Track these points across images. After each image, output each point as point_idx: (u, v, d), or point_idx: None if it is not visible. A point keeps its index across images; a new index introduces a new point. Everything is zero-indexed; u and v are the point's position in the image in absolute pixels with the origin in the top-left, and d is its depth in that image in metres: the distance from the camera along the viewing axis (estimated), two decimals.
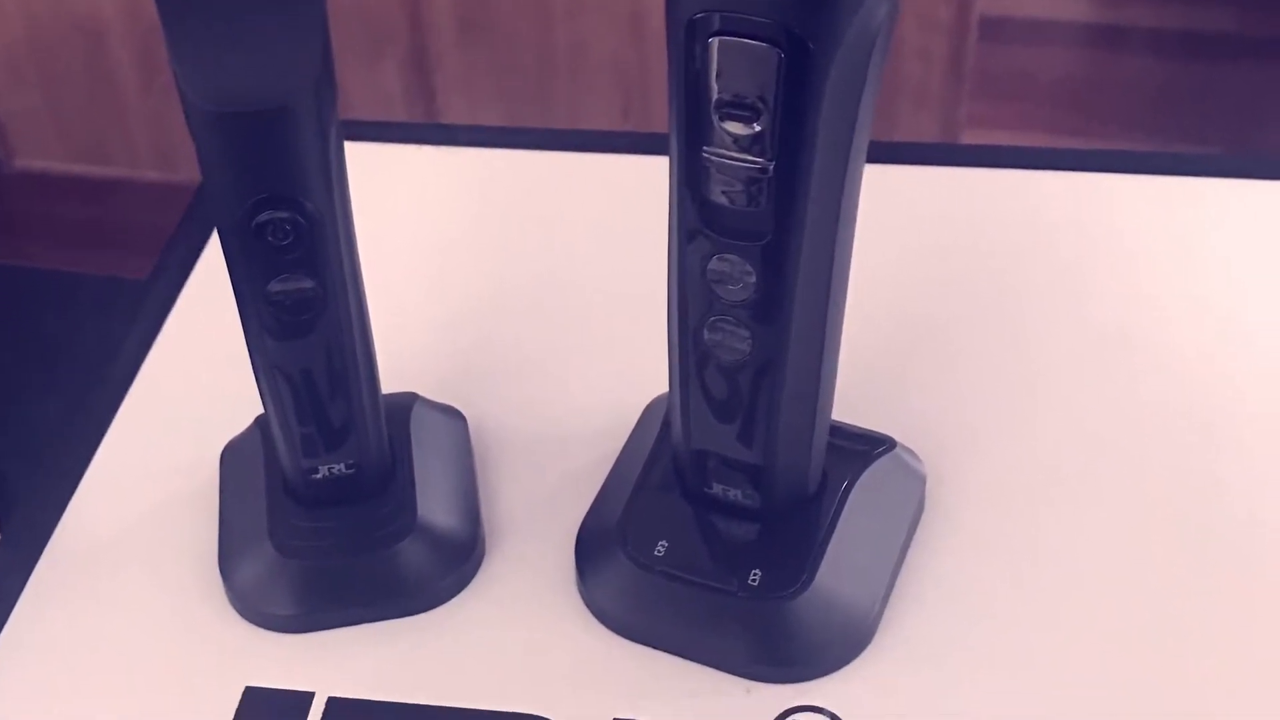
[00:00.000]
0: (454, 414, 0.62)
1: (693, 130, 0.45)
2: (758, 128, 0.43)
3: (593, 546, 0.56)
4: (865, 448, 0.57)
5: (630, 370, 0.62)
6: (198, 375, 0.66)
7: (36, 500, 0.61)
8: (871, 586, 0.54)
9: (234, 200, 0.48)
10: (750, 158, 0.44)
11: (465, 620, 0.55)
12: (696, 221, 0.47)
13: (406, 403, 0.60)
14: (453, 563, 0.56)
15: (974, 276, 0.69)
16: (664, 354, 0.52)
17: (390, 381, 0.57)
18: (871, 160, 0.46)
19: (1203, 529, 0.57)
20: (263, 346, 0.52)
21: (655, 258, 0.51)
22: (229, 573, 0.56)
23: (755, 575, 0.53)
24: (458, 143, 0.79)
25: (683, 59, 0.43)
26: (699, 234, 0.47)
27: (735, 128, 0.44)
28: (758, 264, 0.47)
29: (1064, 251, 0.70)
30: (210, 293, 0.69)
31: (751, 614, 0.53)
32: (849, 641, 0.53)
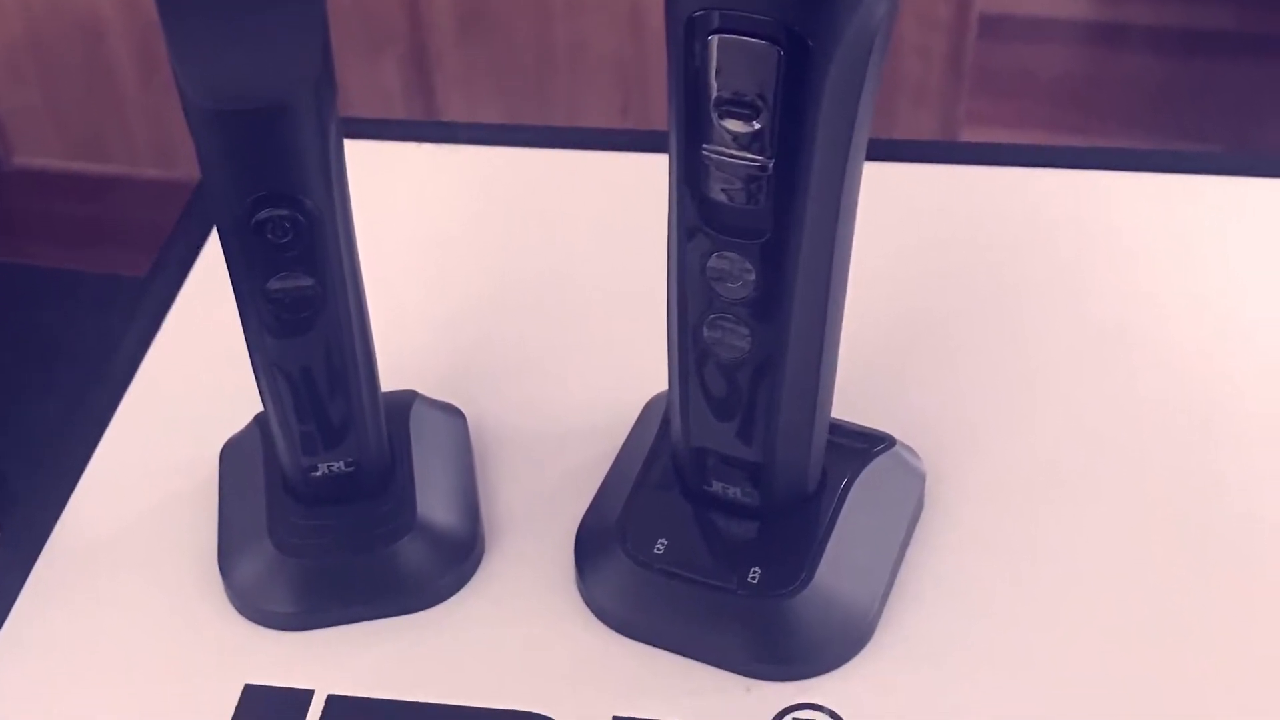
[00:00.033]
0: (453, 412, 0.62)
1: (692, 128, 0.45)
2: (757, 125, 0.43)
3: (592, 544, 0.56)
4: (864, 445, 0.57)
5: (629, 368, 0.62)
6: (197, 373, 0.66)
7: (36, 498, 0.61)
8: (871, 584, 0.54)
9: (233, 198, 0.48)
10: (750, 155, 0.44)
11: (465, 618, 0.55)
12: (696, 219, 0.47)
13: (406, 401, 0.60)
14: (452, 561, 0.56)
15: (973, 274, 0.69)
16: (663, 352, 0.52)
17: (390, 379, 0.57)
18: (871, 158, 0.46)
19: (1202, 526, 0.57)
20: (262, 344, 0.52)
21: (655, 255, 0.51)
22: (228, 570, 0.56)
23: (755, 573, 0.53)
24: (457, 140, 0.79)
25: (682, 56, 0.43)
26: (698, 231, 0.47)
27: (735, 125, 0.44)
28: (757, 262, 0.47)
29: (1063, 249, 0.70)
30: (209, 290, 0.69)
31: (751, 612, 0.53)
32: (848, 639, 0.53)
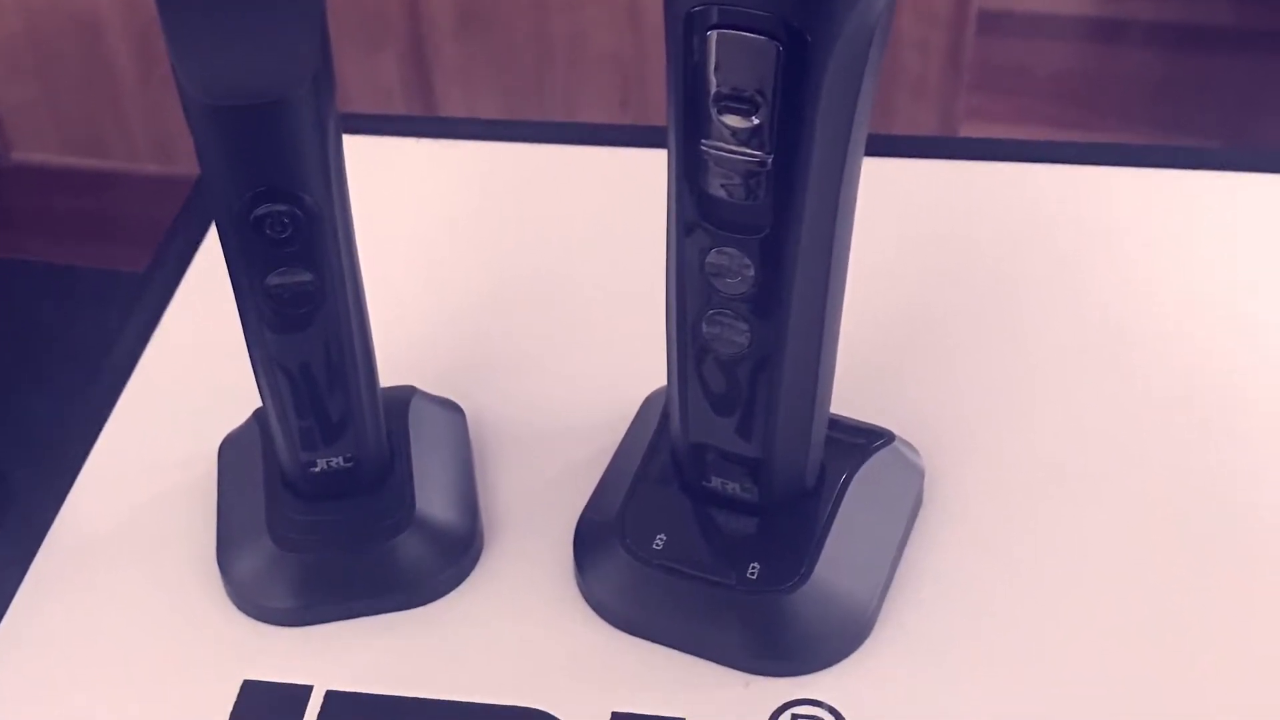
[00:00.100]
0: (452, 407, 0.62)
1: (691, 123, 0.45)
2: (756, 121, 0.43)
3: (591, 540, 0.56)
4: (864, 441, 0.57)
5: (628, 363, 0.62)
6: (196, 368, 0.66)
7: (34, 493, 0.61)
8: (870, 580, 0.54)
9: (232, 193, 0.48)
10: (749, 151, 0.44)
11: (464, 614, 0.55)
12: (695, 215, 0.47)
13: (405, 396, 0.60)
14: (451, 556, 0.56)
15: (972, 269, 0.69)
16: (662, 347, 0.52)
17: (388, 375, 0.56)
18: (870, 153, 0.46)
19: (1201, 522, 0.57)
20: (261, 340, 0.52)
21: (654, 251, 0.51)
22: (227, 566, 0.56)
23: (754, 569, 0.53)
24: (456, 136, 0.79)
25: (681, 52, 0.43)
26: (697, 227, 0.47)
27: (734, 121, 0.43)
28: (756, 257, 0.47)
29: (1062, 245, 0.70)
30: (208, 286, 0.69)
31: (750, 607, 0.53)
32: (847, 635, 0.53)
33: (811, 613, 0.52)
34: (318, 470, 0.55)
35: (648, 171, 0.54)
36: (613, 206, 0.73)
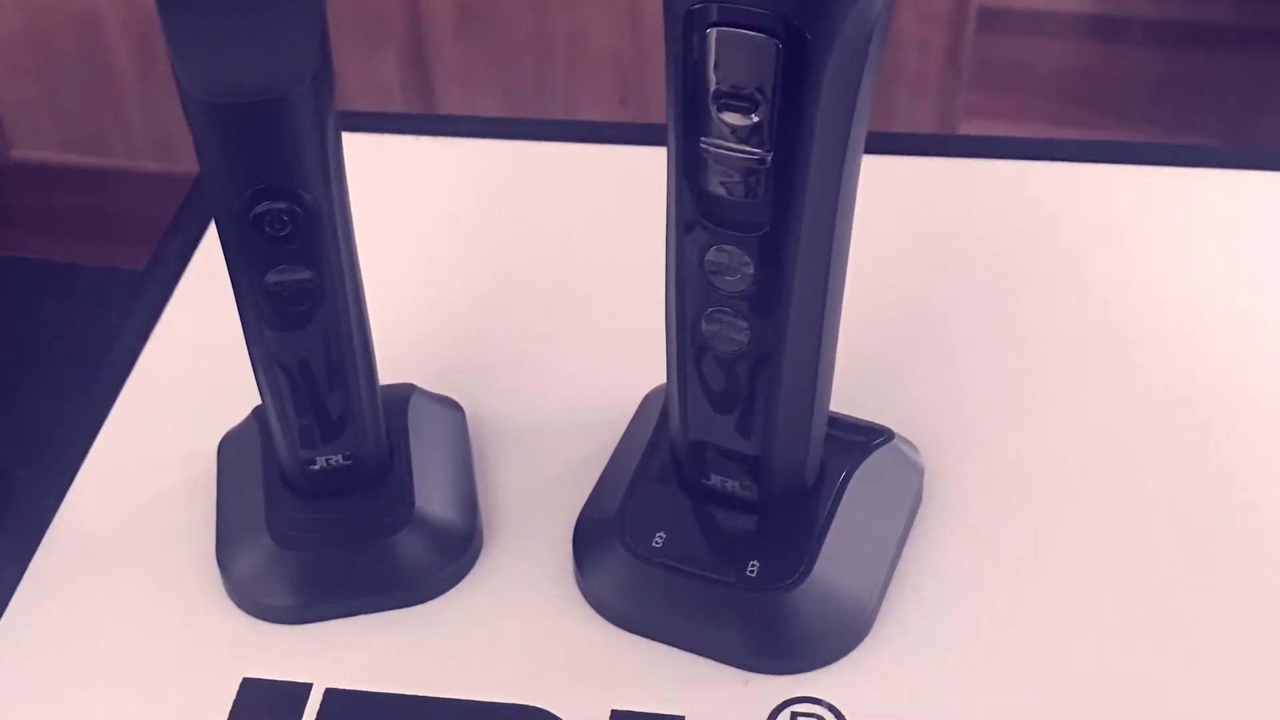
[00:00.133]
0: (452, 405, 0.62)
1: (691, 121, 0.44)
2: (756, 119, 0.43)
3: (591, 538, 0.56)
4: (863, 439, 0.57)
5: (628, 361, 0.62)
6: (195, 366, 0.66)
7: (33, 491, 0.61)
8: (869, 578, 0.54)
9: (232, 191, 0.48)
10: (748, 149, 0.44)
11: (463, 612, 0.55)
12: (694, 212, 0.47)
13: (404, 394, 0.60)
14: (450, 554, 0.56)
15: (972, 267, 0.69)
16: (662, 345, 0.52)
17: (388, 372, 0.56)
18: (869, 151, 0.46)
19: (1201, 520, 0.57)
20: (260, 337, 0.52)
21: (653, 249, 0.51)
22: (226, 564, 0.56)
23: (753, 566, 0.53)
24: (455, 133, 0.79)
25: (681, 50, 0.43)
26: (697, 225, 0.47)
27: (733, 118, 0.43)
28: (756, 255, 0.47)
29: (1062, 242, 0.70)
30: (208, 283, 0.69)
31: (749, 605, 0.53)
32: (847, 633, 0.53)
33: (811, 610, 0.52)
34: (317, 468, 0.55)
35: (647, 169, 0.54)
36: (612, 204, 0.73)
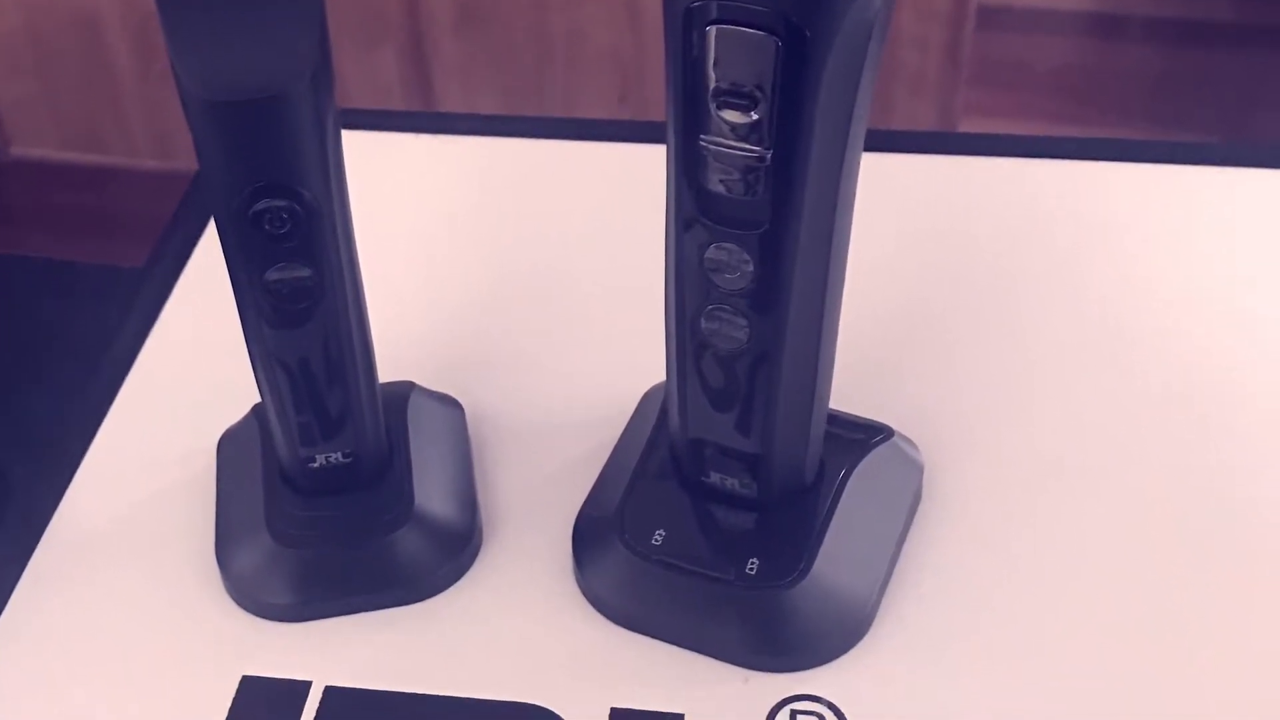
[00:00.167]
0: (451, 403, 0.62)
1: (690, 119, 0.44)
2: (755, 116, 0.43)
3: (590, 535, 0.56)
4: (863, 437, 0.57)
5: (627, 359, 0.62)
6: (194, 364, 0.66)
7: (33, 489, 0.61)
8: (869, 575, 0.54)
9: (231, 189, 0.48)
10: (748, 146, 0.44)
11: (462, 609, 0.55)
12: (694, 210, 0.47)
13: (403, 391, 0.60)
14: (450, 552, 0.56)
15: (971, 265, 0.69)
16: (661, 342, 0.52)
17: (387, 370, 0.56)
18: (869, 148, 0.46)
19: (1199, 517, 0.57)
20: (260, 335, 0.52)
21: (652, 246, 0.51)
22: (226, 561, 0.56)
23: (753, 564, 0.53)
24: (455, 131, 0.79)
25: (680, 47, 0.43)
26: (696, 222, 0.47)
27: (733, 116, 0.43)
28: (755, 252, 0.47)
29: (1061, 240, 0.70)
30: (207, 281, 0.69)
31: (749, 603, 0.53)
32: (846, 630, 0.53)
33: (810, 608, 0.52)
34: (316, 465, 0.55)
35: (647, 167, 0.54)
36: (612, 202, 0.73)
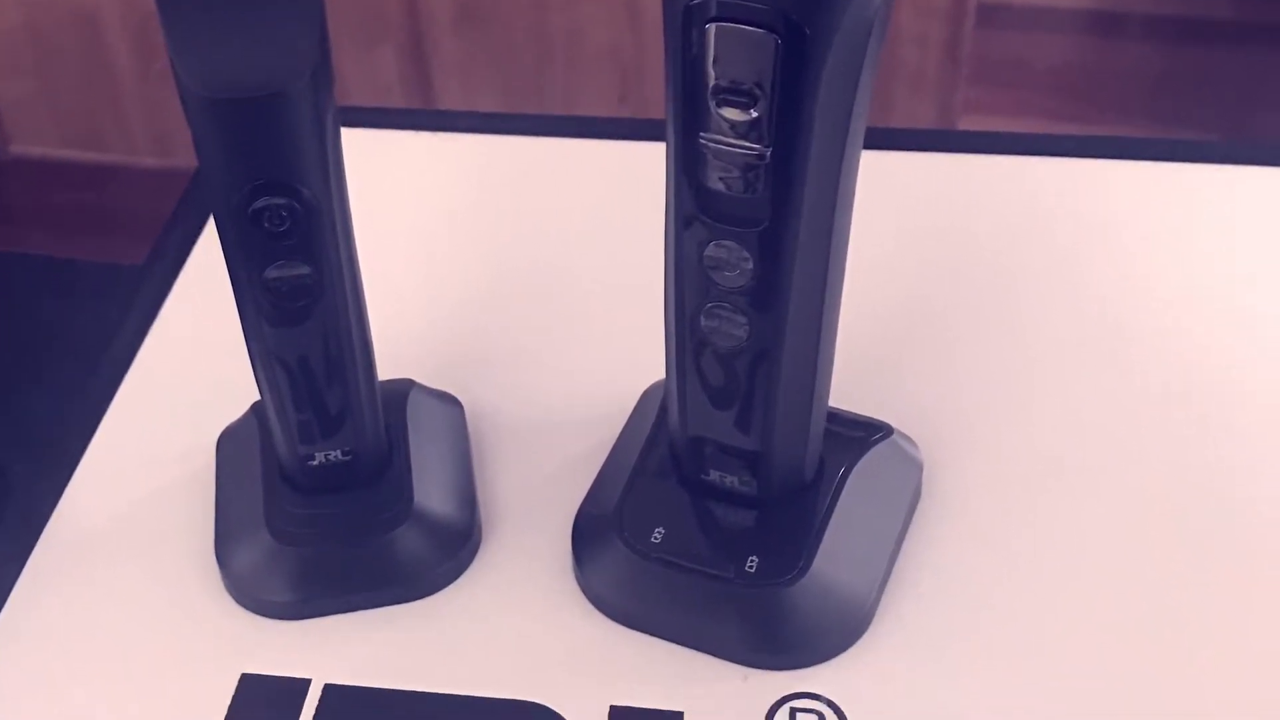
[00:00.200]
0: (450, 400, 0.62)
1: (690, 116, 0.44)
2: (755, 114, 0.43)
3: (589, 533, 0.56)
4: (862, 434, 0.57)
5: (627, 356, 0.62)
6: (194, 362, 0.66)
7: (32, 487, 0.60)
8: (868, 573, 0.54)
9: (231, 186, 0.48)
10: (747, 144, 0.44)
11: (462, 607, 0.55)
12: (693, 208, 0.47)
13: (403, 389, 0.60)
14: (449, 549, 0.56)
15: (971, 263, 0.69)
16: (660, 340, 0.52)
17: (386, 368, 0.56)
18: (868, 146, 0.46)
19: (1199, 515, 0.57)
20: (259, 333, 0.52)
21: (652, 244, 0.51)
22: (225, 559, 0.56)
23: (752, 562, 0.53)
24: (454, 129, 0.79)
25: (680, 45, 0.43)
26: (696, 220, 0.47)
27: (732, 114, 0.43)
28: (755, 250, 0.46)
29: (1061, 238, 0.70)
30: (206, 279, 0.69)
31: (748, 601, 0.53)
32: (846, 628, 0.53)
33: (810, 606, 0.52)
34: (316, 463, 0.55)
35: (646, 165, 0.54)
36: (611, 200, 0.73)
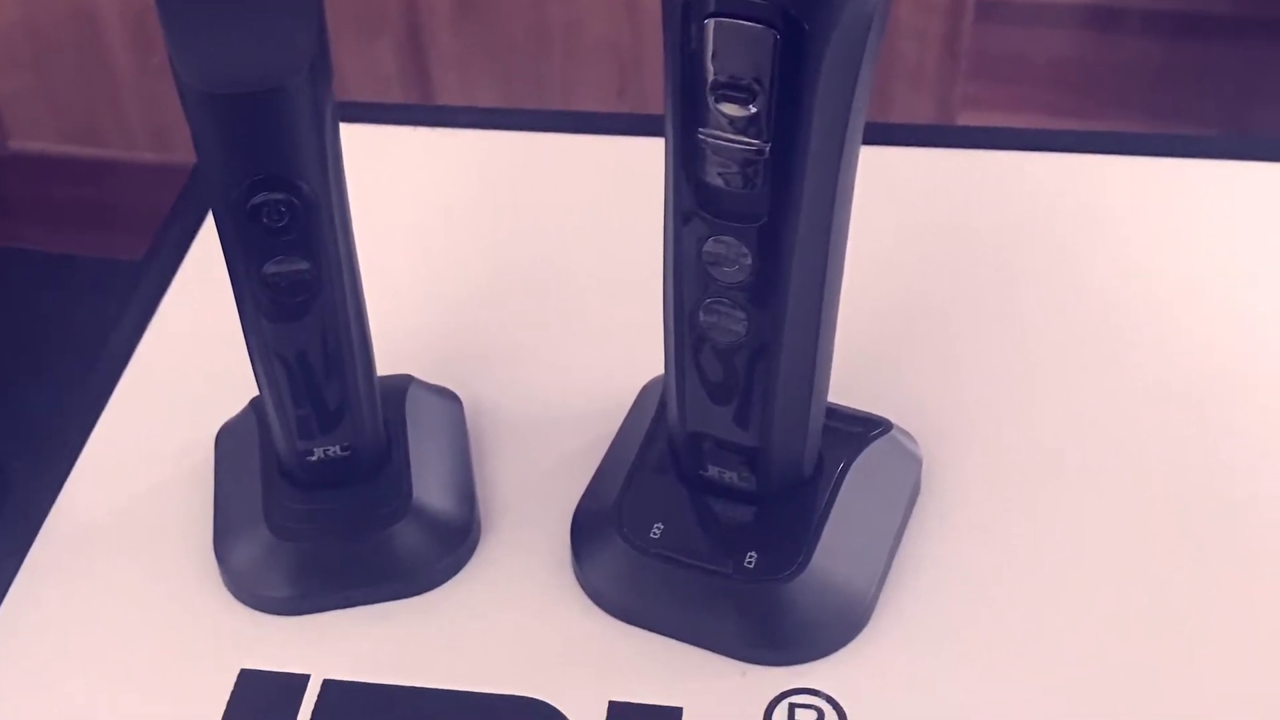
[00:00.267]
0: (449, 396, 0.62)
1: (688, 112, 0.44)
2: (753, 109, 0.43)
3: (588, 529, 0.56)
4: (861, 430, 0.57)
5: (626, 352, 0.62)
6: (192, 357, 0.66)
7: (31, 483, 0.61)
8: (867, 569, 0.54)
9: (229, 182, 0.48)
10: (746, 139, 0.44)
11: (461, 603, 0.55)
12: (692, 203, 0.46)
13: (402, 385, 0.60)
14: (448, 545, 0.56)
15: (970, 258, 0.69)
16: (659, 336, 0.52)
17: (385, 363, 0.56)
18: (867, 142, 0.46)
19: (1198, 510, 0.57)
20: (258, 329, 0.52)
21: (651, 240, 0.51)
22: (224, 555, 0.56)
23: (751, 558, 0.53)
24: (453, 124, 0.79)
25: (678, 40, 0.43)
26: (695, 216, 0.47)
27: (731, 109, 0.43)
28: (754, 246, 0.46)
29: (1060, 233, 0.70)
30: (205, 274, 0.69)
31: (747, 596, 0.53)
32: (845, 624, 0.53)
33: (809, 602, 0.52)
34: (315, 459, 0.55)
35: (645, 160, 0.54)
36: (610, 195, 0.73)
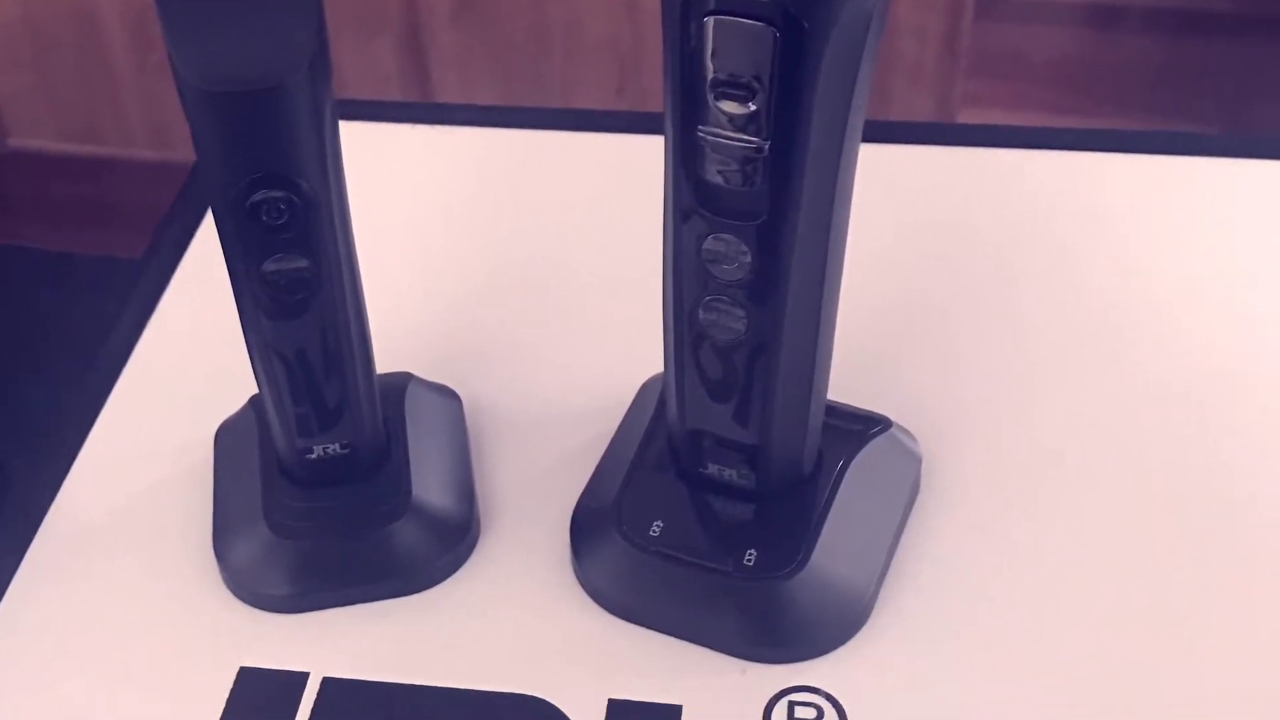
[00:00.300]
0: (449, 394, 0.62)
1: (688, 109, 0.44)
2: (753, 107, 0.43)
3: (588, 526, 0.56)
4: (861, 428, 0.57)
5: (625, 350, 0.62)
6: (192, 355, 0.66)
7: (30, 481, 0.60)
8: (867, 567, 0.54)
9: (229, 180, 0.48)
10: (746, 137, 0.44)
11: (460, 601, 0.55)
12: (692, 201, 0.46)
13: (401, 383, 0.60)
14: (448, 543, 0.56)
15: (970, 256, 0.69)
16: (659, 334, 0.52)
17: (385, 361, 0.56)
18: (866, 139, 0.46)
19: (1198, 509, 0.57)
20: (257, 326, 0.51)
21: (650, 237, 0.51)
22: (223, 553, 0.56)
23: (750, 555, 0.53)
24: (452, 122, 0.79)
25: (678, 38, 0.43)
26: (694, 213, 0.47)
27: (730, 107, 0.43)
28: (753, 243, 0.46)
29: (1060, 231, 0.70)
30: (205, 272, 0.69)
31: (747, 594, 0.53)
32: (844, 622, 0.53)
33: (808, 599, 0.52)
34: (314, 457, 0.55)
35: (644, 158, 0.54)
36: (609, 193, 0.73)
